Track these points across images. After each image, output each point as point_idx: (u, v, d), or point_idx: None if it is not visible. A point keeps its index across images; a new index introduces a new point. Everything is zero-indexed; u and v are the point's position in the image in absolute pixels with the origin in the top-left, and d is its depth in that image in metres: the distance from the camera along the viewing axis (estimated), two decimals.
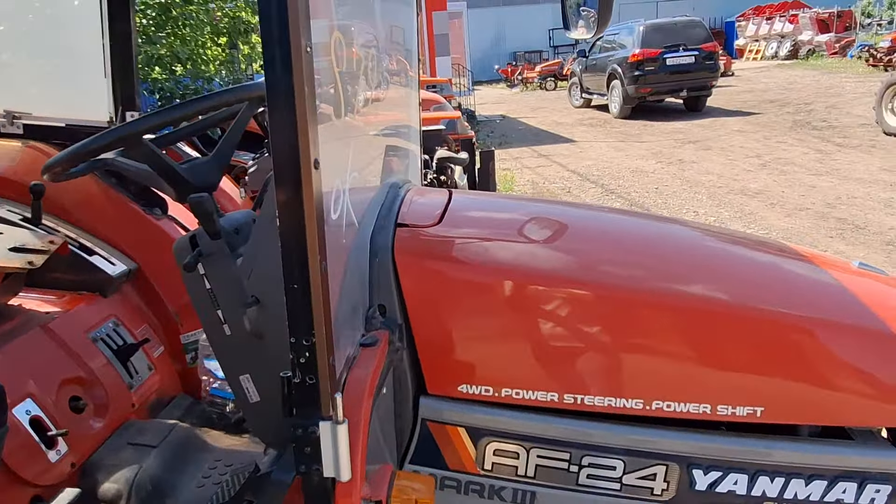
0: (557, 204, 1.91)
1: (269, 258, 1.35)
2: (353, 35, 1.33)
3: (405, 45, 2.02)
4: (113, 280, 2.02)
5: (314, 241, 0.87)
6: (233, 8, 7.24)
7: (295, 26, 0.79)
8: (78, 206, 2.13)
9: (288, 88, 0.80)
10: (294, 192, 0.84)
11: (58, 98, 2.28)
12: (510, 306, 1.32)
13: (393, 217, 1.38)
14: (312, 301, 0.89)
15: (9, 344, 1.70)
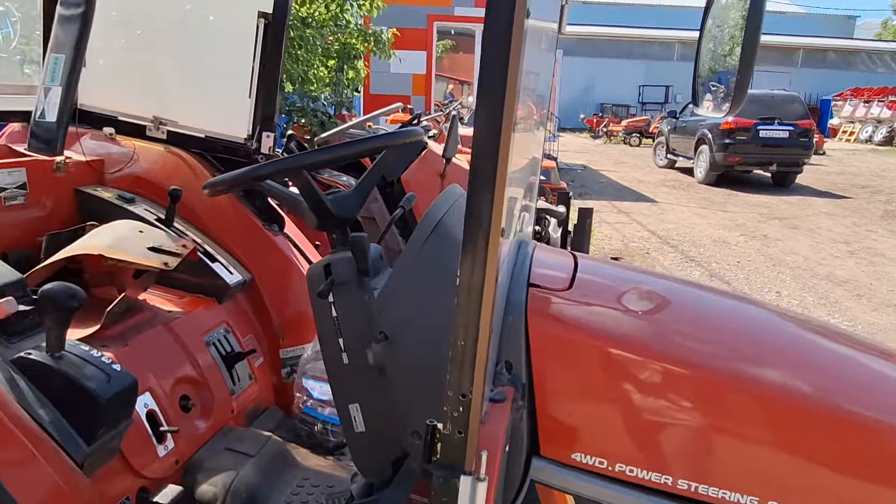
0: (684, 283, 1.89)
1: (406, 300, 1.40)
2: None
3: (538, 90, 2.05)
4: (229, 288, 2.13)
5: (489, 304, 0.90)
6: (345, 34, 7.57)
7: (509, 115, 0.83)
8: (207, 213, 2.26)
9: (491, 171, 0.85)
10: (480, 257, 0.88)
11: (202, 111, 2.44)
12: (634, 382, 1.32)
13: (525, 276, 1.40)
14: (477, 359, 0.92)
15: (136, 337, 1.81)
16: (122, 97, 2.45)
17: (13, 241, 1.96)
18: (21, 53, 2.38)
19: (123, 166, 2.30)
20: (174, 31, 2.58)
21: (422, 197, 2.46)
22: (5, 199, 1.95)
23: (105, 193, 2.18)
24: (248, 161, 2.33)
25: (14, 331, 1.47)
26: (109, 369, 1.43)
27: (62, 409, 1.39)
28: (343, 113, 7.55)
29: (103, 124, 2.36)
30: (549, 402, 1.31)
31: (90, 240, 1.86)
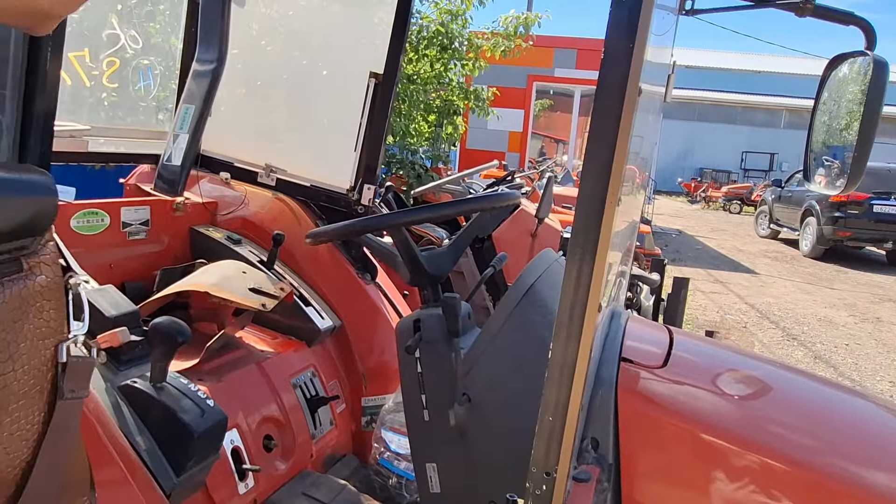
0: (785, 368, 1.78)
1: (492, 364, 1.39)
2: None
3: (641, 153, 2.02)
4: (320, 332, 2.19)
5: (581, 381, 0.88)
6: (446, 91, 7.83)
7: (614, 191, 0.83)
8: (305, 259, 2.36)
9: (592, 244, 0.85)
10: (575, 332, 0.87)
11: (309, 161, 2.57)
12: (727, 472, 1.23)
13: (617, 350, 1.36)
14: (564, 437, 0.89)
15: (230, 374, 1.88)
16: (239, 145, 2.63)
17: (132, 273, 2.12)
18: (157, 101, 2.62)
19: (234, 209, 2.45)
20: (291, 86, 2.76)
21: (511, 256, 2.46)
22: (129, 233, 2.12)
23: (216, 234, 2.32)
24: (348, 211, 2.43)
25: (124, 358, 1.56)
26: (204, 404, 1.50)
27: (158, 438, 1.46)
28: (439, 166, 7.74)
29: (220, 169, 2.53)
30: (636, 486, 1.25)
31: (198, 277, 1.98)
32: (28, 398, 0.54)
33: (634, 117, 0.87)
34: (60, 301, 0.57)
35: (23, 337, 0.52)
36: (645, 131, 1.73)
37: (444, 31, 7.22)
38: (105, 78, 2.39)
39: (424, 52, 7.22)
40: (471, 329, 1.66)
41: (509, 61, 8.39)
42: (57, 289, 0.57)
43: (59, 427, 0.58)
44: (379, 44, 2.37)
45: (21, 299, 0.52)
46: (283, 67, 2.79)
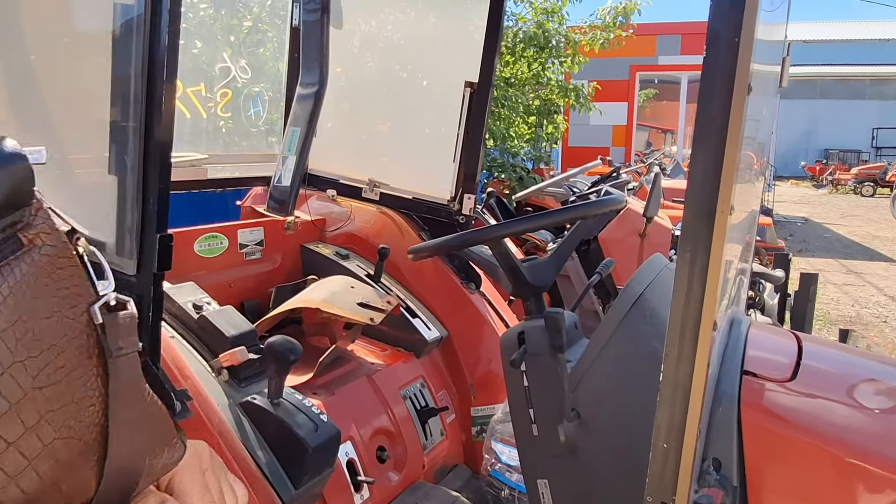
0: None
1: (602, 378, 1.34)
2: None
3: (758, 138, 1.88)
4: (427, 343, 2.21)
5: (698, 401, 0.82)
6: (545, 91, 7.72)
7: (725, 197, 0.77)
8: (411, 271, 2.39)
9: (705, 249, 0.79)
10: (689, 347, 0.81)
11: (410, 174, 2.61)
12: (870, 496, 1.11)
13: (739, 362, 1.27)
14: (682, 463, 0.84)
15: (342, 388, 1.94)
16: (344, 162, 2.72)
17: (250, 291, 2.24)
18: (267, 125, 2.76)
19: (341, 225, 2.53)
20: (390, 100, 2.81)
21: (619, 257, 2.38)
22: (246, 254, 2.25)
23: (325, 250, 2.41)
24: (450, 221, 2.44)
25: (244, 375, 1.65)
26: (318, 419, 1.55)
27: (276, 452, 1.53)
28: (541, 167, 7.64)
29: (327, 186, 2.63)
30: None
31: (309, 293, 2.05)
32: (81, 367, 0.56)
33: (746, 108, 0.80)
34: (76, 266, 0.58)
35: (50, 311, 0.54)
36: (760, 115, 1.61)
37: (541, 31, 7.13)
38: (219, 108, 2.55)
39: (521, 54, 7.16)
40: (578, 339, 1.61)
41: (609, 53, 8.13)
42: (67, 254, 0.58)
43: (121, 385, 0.60)
44: (473, 52, 2.36)
45: (33, 276, 0.53)
46: (382, 82, 2.85)
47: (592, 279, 1.79)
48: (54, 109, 1.50)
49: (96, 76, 1.32)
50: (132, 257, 1.29)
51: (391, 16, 2.91)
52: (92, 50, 1.40)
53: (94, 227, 1.37)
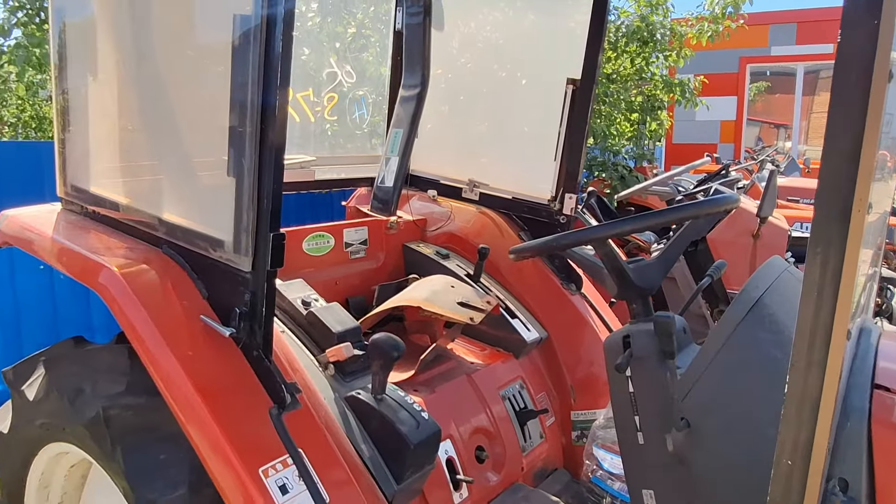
0: None
1: (714, 386, 1.27)
2: None
3: (893, 132, 1.72)
4: (526, 344, 2.18)
5: (827, 418, 0.76)
6: (649, 86, 7.45)
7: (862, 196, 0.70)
8: (510, 272, 2.38)
9: (838, 254, 0.73)
10: (818, 360, 0.75)
11: (510, 174, 2.59)
12: None
13: (869, 375, 1.16)
14: (808, 483, 0.78)
15: (442, 386, 1.95)
16: (444, 162, 2.74)
17: (354, 289, 2.30)
18: (371, 128, 2.83)
19: (442, 225, 2.56)
20: (491, 99, 2.81)
21: (730, 259, 2.25)
22: (351, 252, 2.31)
23: (426, 249, 2.44)
24: (550, 221, 2.40)
25: (348, 370, 1.70)
26: (419, 416, 1.57)
27: (379, 446, 1.56)
28: (644, 165, 7.38)
29: (428, 187, 2.66)
30: None
31: (411, 292, 2.09)
32: None
33: (887, 97, 0.73)
34: None
35: None
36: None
37: (645, 25, 6.88)
38: (326, 112, 2.64)
39: (624, 48, 6.95)
40: (686, 345, 1.54)
41: (717, 46, 7.73)
42: None
43: None
44: (576, 48, 2.31)
45: None
46: (481, 82, 2.85)
47: (703, 282, 1.71)
48: (180, 117, 1.62)
49: (217, 85, 1.41)
50: (248, 255, 1.36)
51: (490, 15, 2.90)
52: (213, 61, 1.49)
53: (214, 226, 1.47)
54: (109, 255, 1.52)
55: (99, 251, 1.54)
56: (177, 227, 1.54)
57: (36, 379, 1.72)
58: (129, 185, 1.72)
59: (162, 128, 1.64)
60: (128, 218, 1.66)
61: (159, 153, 1.66)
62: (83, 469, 1.84)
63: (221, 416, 1.31)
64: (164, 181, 1.67)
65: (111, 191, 1.72)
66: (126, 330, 1.41)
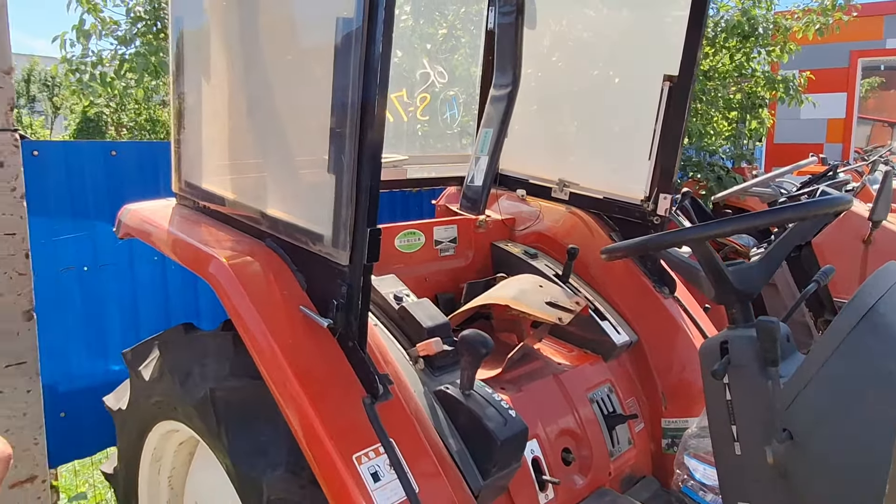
0: None
1: (821, 398, 1.21)
2: None
3: None
4: (616, 347, 2.14)
5: None
6: (749, 83, 7.11)
7: None
8: (600, 272, 2.34)
9: None
10: None
11: (601, 173, 2.55)
12: None
13: None
14: None
15: (529, 385, 1.95)
16: (534, 162, 2.73)
17: (442, 285, 2.34)
18: (461, 127, 2.87)
19: (530, 224, 2.55)
20: (581, 97, 2.77)
21: (838, 265, 2.12)
22: (441, 250, 2.35)
23: (514, 248, 2.44)
24: (643, 222, 2.34)
25: (437, 365, 1.73)
26: (507, 414, 1.57)
27: (466, 441, 1.58)
28: (743, 166, 7.04)
29: (517, 186, 2.66)
30: None
31: (499, 290, 2.09)
32: None
33: None
34: None
35: None
36: None
37: (746, 18, 6.57)
38: (419, 112, 2.69)
39: (723, 44, 6.66)
40: (790, 354, 1.47)
41: (825, 39, 7.26)
42: None
43: None
44: (673, 44, 2.25)
45: None
46: (571, 80, 2.82)
47: (808, 288, 1.62)
48: (283, 117, 1.70)
49: (319, 87, 1.47)
50: (345, 249, 1.42)
51: (581, 12, 2.86)
52: (316, 63, 1.56)
53: (314, 221, 1.53)
54: (218, 246, 1.62)
55: (209, 243, 1.65)
56: (279, 222, 1.62)
57: (151, 360, 1.86)
58: (236, 181, 1.82)
59: (267, 128, 1.73)
60: (234, 212, 1.76)
61: (264, 152, 1.76)
62: (190, 447, 1.97)
63: (318, 402, 1.37)
64: (268, 178, 1.76)
65: (220, 187, 1.83)
66: (232, 316, 1.50)
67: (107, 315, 2.77)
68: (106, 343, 2.77)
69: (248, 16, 1.75)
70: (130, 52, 4.42)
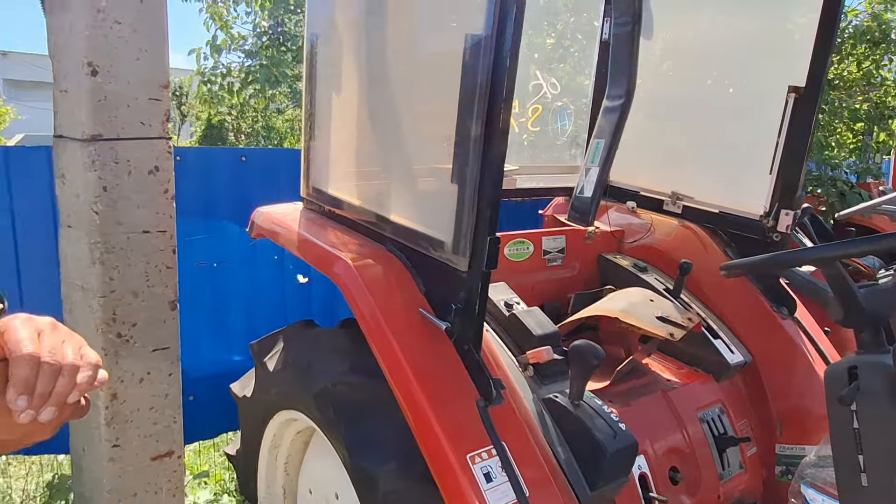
0: None
1: None
2: None
3: None
4: (729, 367, 2.08)
5: None
6: (878, 92, 6.63)
7: None
8: (714, 289, 2.27)
9: None
10: None
11: (717, 186, 2.48)
12: None
13: None
14: None
15: (637, 400, 1.93)
16: (645, 173, 2.69)
17: (549, 295, 2.35)
18: (570, 138, 2.87)
19: (640, 237, 2.52)
20: (696, 108, 2.70)
21: None
22: (548, 260, 2.37)
23: (623, 261, 2.42)
24: (761, 238, 2.26)
25: (546, 373, 1.75)
26: (616, 426, 1.57)
27: (574, 451, 1.59)
28: (868, 181, 6.57)
29: (627, 198, 2.63)
30: None
31: (608, 303, 2.09)
32: None
33: None
34: None
35: None
36: None
37: (877, 24, 6.14)
38: (530, 123, 2.72)
39: (850, 51, 6.26)
40: None
41: None
42: None
43: None
44: (797, 53, 2.16)
45: None
46: (687, 89, 2.76)
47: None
48: (408, 127, 1.78)
49: (444, 98, 1.54)
50: (465, 256, 1.47)
51: (696, 20, 2.80)
52: (442, 76, 1.63)
53: (435, 228, 1.60)
54: (344, 249, 1.72)
55: (335, 245, 1.76)
56: (400, 228, 1.70)
57: (275, 353, 1.99)
58: (360, 188, 1.93)
59: (392, 138, 1.82)
60: (358, 217, 1.87)
61: (388, 161, 1.85)
62: (306, 436, 2.10)
63: (435, 401, 1.43)
64: (392, 186, 1.85)
65: (346, 193, 1.94)
66: (356, 314, 1.59)
67: (230, 308, 2.98)
68: (229, 334, 2.98)
69: (378, 33, 1.85)
70: (255, 65, 4.74)
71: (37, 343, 0.72)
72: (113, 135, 1.75)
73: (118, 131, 1.76)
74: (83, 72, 1.70)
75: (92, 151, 1.73)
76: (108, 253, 1.77)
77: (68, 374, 0.72)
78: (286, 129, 9.69)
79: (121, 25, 1.72)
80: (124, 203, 1.79)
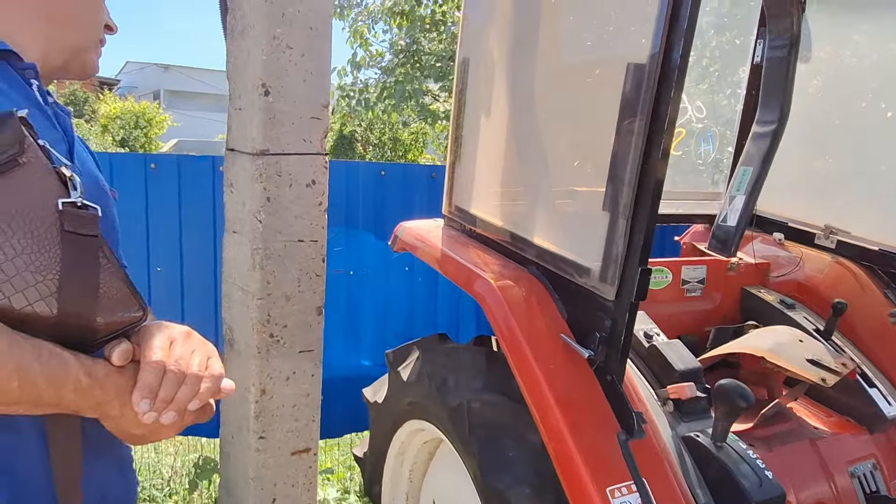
0: None
1: None
2: None
3: None
4: (885, 420, 1.92)
5: None
6: None
7: None
8: (871, 334, 2.11)
9: None
10: None
11: (877, 220, 2.29)
12: None
13: None
14: None
15: (781, 447, 1.82)
16: (795, 203, 2.54)
17: (686, 327, 2.27)
18: (714, 163, 2.76)
19: (788, 271, 2.37)
20: (854, 134, 2.51)
21: None
22: (687, 290, 2.29)
23: (768, 296, 2.29)
24: None
25: (686, 410, 1.69)
26: (762, 474, 1.49)
27: (714, 495, 1.53)
28: None
29: (774, 229, 2.49)
30: None
31: (752, 340, 1.99)
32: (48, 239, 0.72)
33: None
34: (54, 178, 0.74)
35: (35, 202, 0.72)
36: None
37: None
38: (673, 147, 2.65)
39: None
40: None
41: None
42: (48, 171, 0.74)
43: (74, 261, 0.73)
44: None
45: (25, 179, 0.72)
46: (842, 114, 2.57)
47: None
48: (558, 152, 1.80)
49: (599, 125, 1.54)
50: (613, 284, 1.46)
51: (852, 39, 2.61)
52: (599, 104, 1.63)
53: (582, 254, 1.60)
54: (486, 268, 1.76)
55: (477, 264, 1.80)
56: (545, 251, 1.71)
57: (409, 363, 2.06)
58: (504, 209, 1.96)
59: (541, 162, 1.84)
60: (500, 238, 1.90)
61: (535, 184, 1.87)
62: (432, 447, 2.15)
63: (576, 431, 1.42)
64: (537, 209, 1.87)
65: (489, 213, 1.98)
66: (498, 333, 1.62)
67: (362, 315, 3.12)
68: (359, 339, 3.11)
69: (530, 58, 1.88)
70: (390, 81, 4.94)
71: (167, 351, 0.79)
72: (279, 150, 1.89)
73: (283, 147, 1.90)
74: (257, 92, 1.85)
75: (260, 165, 1.88)
76: (267, 259, 1.91)
77: (191, 384, 0.78)
78: (410, 140, 10.00)
79: (292, 50, 1.86)
80: (284, 213, 1.92)
